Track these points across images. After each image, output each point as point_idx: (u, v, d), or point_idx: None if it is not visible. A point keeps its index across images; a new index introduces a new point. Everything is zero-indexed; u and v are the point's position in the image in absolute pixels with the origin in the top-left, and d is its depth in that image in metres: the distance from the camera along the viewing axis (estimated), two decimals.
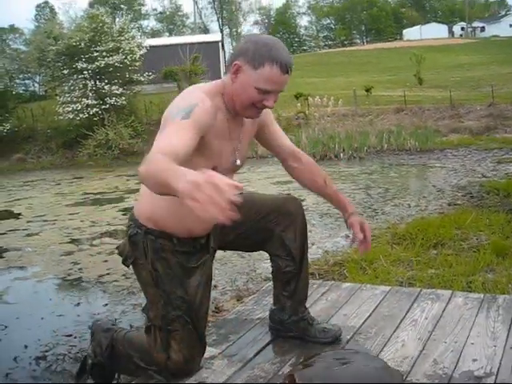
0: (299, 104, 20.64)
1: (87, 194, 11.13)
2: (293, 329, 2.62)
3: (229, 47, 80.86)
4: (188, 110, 2.01)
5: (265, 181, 10.71)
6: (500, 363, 2.25)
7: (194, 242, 2.34)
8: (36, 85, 41.49)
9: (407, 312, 2.86)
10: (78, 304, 4.65)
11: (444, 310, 2.86)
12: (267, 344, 2.63)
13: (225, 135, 2.21)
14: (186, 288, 2.27)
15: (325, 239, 6.06)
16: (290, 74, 2.11)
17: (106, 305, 4.54)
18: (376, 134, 15.47)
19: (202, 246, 2.37)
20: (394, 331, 2.64)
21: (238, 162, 2.32)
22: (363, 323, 2.76)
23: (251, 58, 2.07)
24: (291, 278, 2.56)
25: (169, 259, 2.27)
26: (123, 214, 8.58)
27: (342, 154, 14.33)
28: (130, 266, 2.38)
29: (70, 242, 6.89)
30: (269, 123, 2.47)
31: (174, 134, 1.93)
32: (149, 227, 2.25)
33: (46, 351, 3.69)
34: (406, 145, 14.77)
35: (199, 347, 2.31)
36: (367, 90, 24.25)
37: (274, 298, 2.68)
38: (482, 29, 74.19)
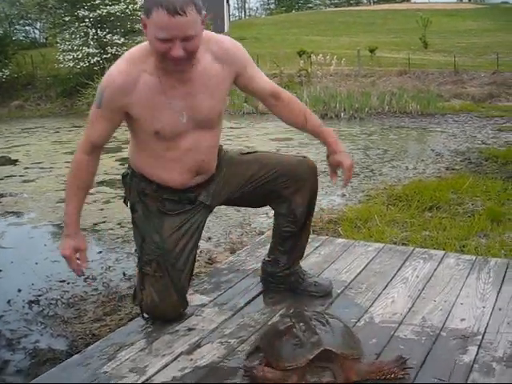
0: (302, 61, 20.42)
1: None
2: (283, 282, 2.63)
3: (233, 1, 79.75)
4: (99, 96, 2.15)
5: (263, 137, 10.68)
6: (487, 324, 2.27)
7: (179, 193, 2.37)
8: (37, 31, 40.92)
9: (399, 270, 2.88)
10: None
11: (435, 269, 2.87)
12: (258, 294, 2.65)
13: (156, 98, 2.16)
14: (160, 234, 2.34)
15: (321, 196, 6.05)
16: (186, 15, 1.95)
17: (100, 252, 4.56)
18: (378, 95, 15.35)
19: (189, 198, 2.39)
20: (385, 288, 2.66)
21: (184, 120, 2.22)
22: (354, 278, 2.78)
23: (145, 9, 2.02)
24: (290, 236, 2.56)
25: (148, 203, 2.37)
26: (120, 164, 8.55)
27: (342, 114, 14.25)
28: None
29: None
30: (242, 71, 2.32)
31: (91, 125, 2.22)
32: (135, 170, 2.39)
33: (39, 295, 3.72)
34: (407, 108, 14.67)
35: (174, 297, 2.34)
36: (371, 51, 23.95)
37: (269, 249, 2.68)
38: None
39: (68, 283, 3.90)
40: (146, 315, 2.40)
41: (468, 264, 2.94)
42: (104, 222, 5.40)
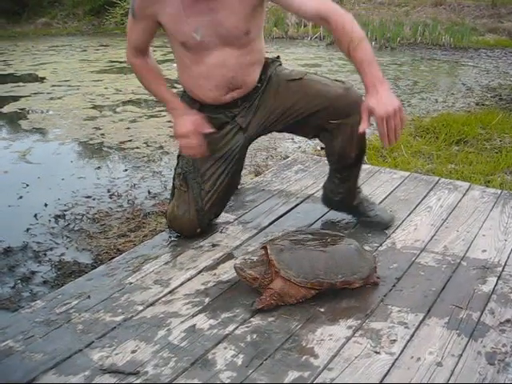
0: None
1: (113, 61, 10.98)
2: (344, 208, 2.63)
3: None
4: (132, 5, 2.24)
5: (292, 62, 10.49)
6: (508, 256, 2.29)
7: (219, 111, 2.37)
8: None
9: (423, 198, 2.88)
10: (99, 168, 4.70)
11: (460, 200, 2.87)
12: (283, 214, 2.68)
13: (176, 12, 2.14)
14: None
15: None
16: None
17: (126, 170, 4.58)
18: (411, 25, 14.98)
19: (226, 115, 2.39)
20: (408, 215, 2.67)
21: (199, 37, 2.18)
22: (379, 204, 2.77)
23: None
24: (342, 169, 2.49)
25: None
26: None
27: (373, 43, 13.92)
28: None
29: (93, 108, 6.88)
30: None
31: (130, 32, 2.33)
32: (183, 87, 2.48)
33: (65, 210, 3.77)
34: (440, 40, 14.32)
35: (193, 214, 2.39)
36: None
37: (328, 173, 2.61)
38: None
39: (93, 199, 3.95)
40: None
41: (493, 197, 2.93)
42: (130, 140, 5.41)
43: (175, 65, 2.45)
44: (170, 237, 2.44)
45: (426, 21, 15.59)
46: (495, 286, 2.06)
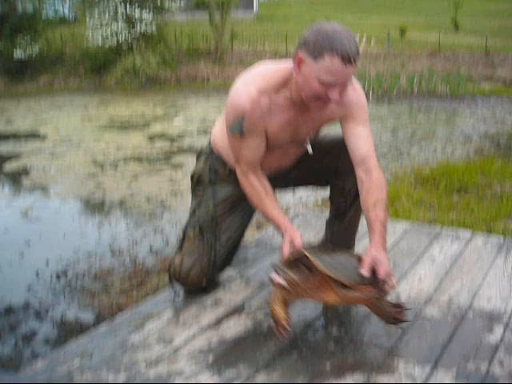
0: None
1: (113, 118, 11.13)
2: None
3: None
4: (238, 126, 2.15)
5: None
6: None
7: None
8: (66, 8, 40.98)
9: (426, 249, 2.87)
10: (100, 224, 4.71)
11: (463, 249, 2.86)
12: None
13: (283, 127, 2.22)
14: (215, 201, 2.43)
15: None
16: (354, 65, 1.99)
17: (128, 227, 4.59)
18: (407, 76, 15.21)
19: None
20: (412, 266, 2.66)
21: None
22: None
23: (312, 49, 1.98)
24: (342, 212, 2.56)
25: (216, 181, 2.46)
26: (148, 140, 8.60)
27: (371, 94, 14.14)
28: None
29: (94, 165, 6.94)
30: (348, 118, 2.28)
31: (241, 152, 2.23)
32: (213, 150, 2.48)
33: (67, 268, 3.77)
34: (436, 89, 14.52)
35: (204, 266, 2.38)
36: (402, 32, 23.71)
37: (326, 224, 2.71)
38: None
39: (95, 256, 3.95)
40: (173, 284, 2.45)
41: (496, 245, 2.92)
42: (131, 197, 5.44)
43: (177, 121, 2.49)
44: (172, 293, 2.42)
45: (422, 71, 15.82)
46: (503, 335, 2.04)
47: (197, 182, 2.50)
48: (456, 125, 10.01)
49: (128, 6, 19.92)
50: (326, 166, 2.47)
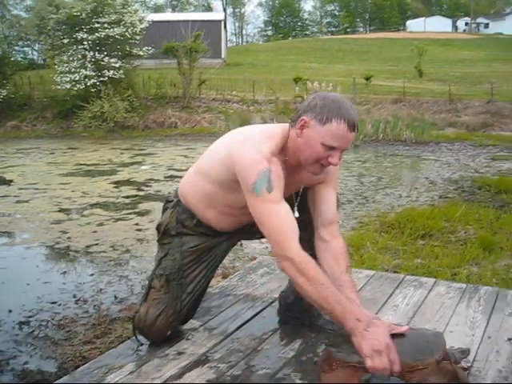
0: (298, 88, 20.60)
1: (80, 164, 11.10)
2: (301, 315, 2.58)
3: (231, 27, 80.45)
4: (265, 179, 2.07)
5: None
6: (476, 352, 2.28)
7: (214, 231, 2.44)
8: (35, 53, 41.07)
9: (389, 297, 2.89)
10: (65, 272, 4.65)
11: (426, 297, 2.89)
12: (249, 319, 2.65)
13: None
14: (182, 252, 2.41)
15: None
16: (356, 132, 2.09)
17: (92, 275, 4.54)
18: (372, 123, 15.48)
19: (220, 234, 2.46)
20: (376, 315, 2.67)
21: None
22: None
23: (319, 113, 2.07)
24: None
25: (183, 231, 2.44)
26: (115, 187, 8.58)
27: None
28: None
29: (60, 211, 6.89)
30: (325, 182, 2.34)
31: (281, 220, 2.08)
32: (181, 201, 2.46)
33: (30, 317, 3.70)
34: (401, 136, 14.78)
35: (170, 316, 2.37)
36: (367, 79, 24.20)
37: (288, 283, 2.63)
38: (486, 25, 73.95)
39: (59, 305, 3.89)
40: (137, 334, 2.42)
41: (458, 292, 2.95)
42: (97, 244, 5.40)
43: (144, 167, 2.48)
44: (135, 345, 2.40)
45: (387, 118, 16.13)
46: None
47: (163, 232, 2.48)
48: (421, 170, 10.18)
49: (97, 53, 20.05)
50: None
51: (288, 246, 2.04)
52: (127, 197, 7.80)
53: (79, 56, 20.23)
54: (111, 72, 19.78)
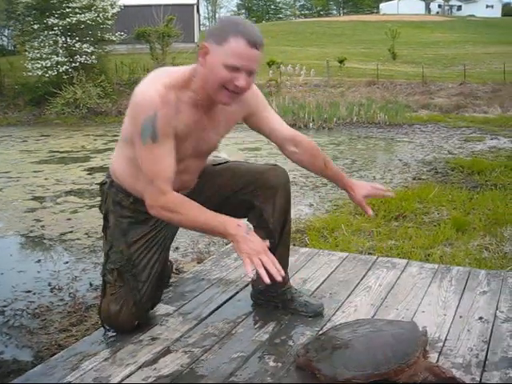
0: (271, 72, 20.56)
1: (53, 152, 10.99)
2: (274, 299, 2.56)
3: (204, 11, 79.81)
4: (150, 127, 2.01)
5: (232, 146, 10.70)
6: (448, 331, 2.31)
7: None
8: (4, 39, 40.45)
9: (362, 278, 2.92)
10: (39, 261, 4.63)
11: (398, 278, 2.92)
12: (222, 304, 2.65)
13: (190, 129, 2.16)
14: (127, 242, 2.34)
15: None
16: (259, 51, 2.02)
17: (67, 262, 4.53)
18: (346, 105, 15.53)
19: None
20: (348, 296, 2.69)
21: (190, 151, 2.23)
22: (318, 287, 2.80)
23: (217, 36, 2.01)
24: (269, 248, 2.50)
25: (121, 213, 2.37)
26: (88, 174, 8.52)
27: (311, 124, 14.36)
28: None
29: (33, 199, 6.83)
30: (256, 111, 2.35)
31: (155, 162, 2.05)
32: (114, 180, 2.37)
33: (5, 306, 3.68)
34: (375, 118, 14.85)
35: (132, 308, 2.34)
36: (340, 62, 24.22)
37: None
38: (459, 8, 74.40)
39: (34, 293, 3.88)
40: (105, 326, 2.41)
41: (430, 272, 2.99)
42: (71, 231, 5.37)
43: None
44: (108, 332, 2.40)
45: (361, 100, 16.19)
46: (437, 361, 2.07)
47: (104, 217, 2.43)
48: (395, 152, 10.24)
49: (68, 38, 19.79)
50: (240, 200, 2.45)
51: (157, 195, 2.06)
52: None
53: (50, 42, 19.94)
54: (83, 57, 19.54)
